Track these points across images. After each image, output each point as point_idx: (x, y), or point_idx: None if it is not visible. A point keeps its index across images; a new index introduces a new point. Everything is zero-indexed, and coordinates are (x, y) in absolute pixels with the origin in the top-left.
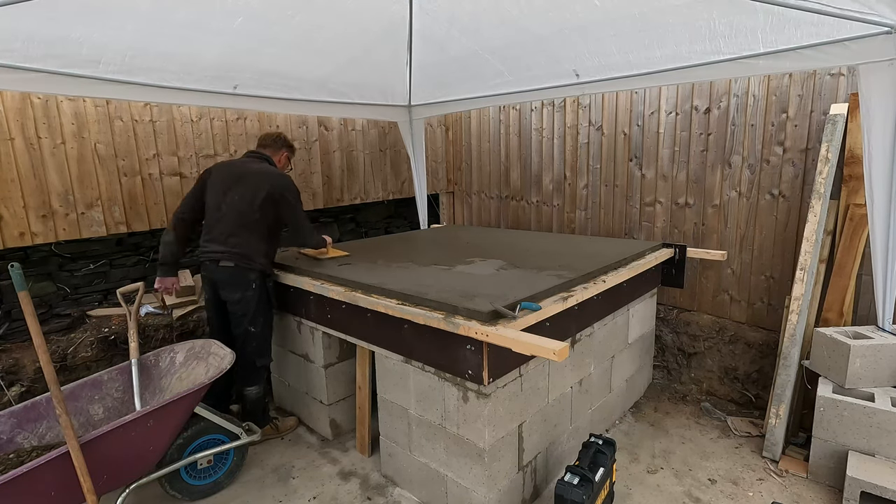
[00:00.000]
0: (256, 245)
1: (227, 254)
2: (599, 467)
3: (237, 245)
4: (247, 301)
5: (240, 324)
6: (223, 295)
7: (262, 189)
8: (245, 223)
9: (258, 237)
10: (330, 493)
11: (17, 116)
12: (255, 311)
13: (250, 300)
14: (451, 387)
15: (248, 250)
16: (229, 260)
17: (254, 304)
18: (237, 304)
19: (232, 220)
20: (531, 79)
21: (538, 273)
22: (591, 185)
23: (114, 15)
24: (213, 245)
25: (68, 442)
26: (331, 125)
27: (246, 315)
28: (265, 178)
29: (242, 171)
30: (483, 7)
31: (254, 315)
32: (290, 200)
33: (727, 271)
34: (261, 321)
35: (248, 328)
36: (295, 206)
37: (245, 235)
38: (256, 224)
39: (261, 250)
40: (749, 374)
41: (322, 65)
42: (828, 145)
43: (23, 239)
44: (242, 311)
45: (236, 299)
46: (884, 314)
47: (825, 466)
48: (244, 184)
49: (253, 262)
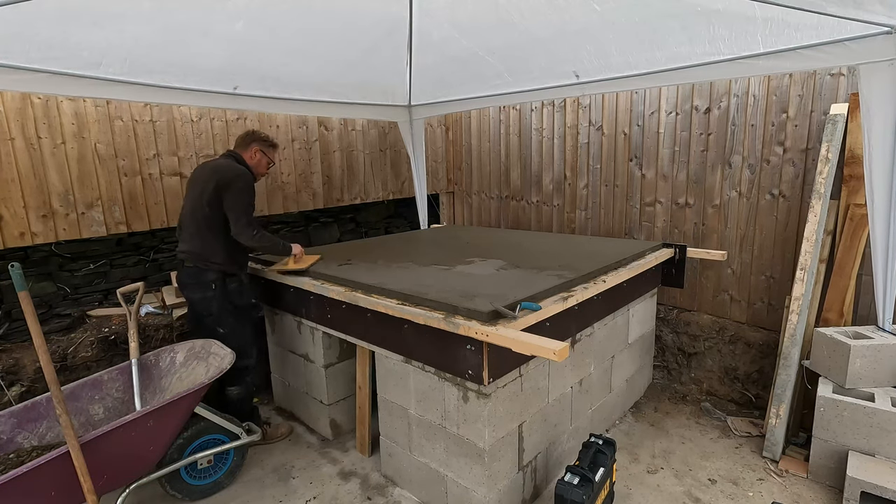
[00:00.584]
0: (213, 244)
1: (188, 254)
2: (599, 467)
3: (196, 245)
4: (208, 301)
5: (207, 325)
6: (187, 296)
7: (210, 183)
8: (199, 221)
9: (214, 235)
10: (330, 494)
11: (18, 116)
12: (219, 312)
13: (211, 301)
14: (451, 387)
15: (205, 250)
16: (190, 260)
17: (216, 305)
18: (199, 304)
19: (191, 219)
20: (531, 79)
21: (538, 273)
22: (591, 185)
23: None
24: (181, 245)
25: (68, 442)
26: (331, 125)
27: (210, 315)
28: (214, 171)
29: (202, 168)
30: (483, 9)
31: (218, 316)
32: (232, 190)
33: (727, 271)
34: (229, 322)
35: (215, 329)
36: (236, 196)
37: (202, 234)
38: (209, 220)
39: (217, 249)
40: (749, 374)
41: (323, 69)
42: (828, 145)
43: (23, 239)
44: (206, 312)
45: (197, 299)
46: (884, 314)
47: (825, 466)
48: (199, 180)
49: (210, 263)
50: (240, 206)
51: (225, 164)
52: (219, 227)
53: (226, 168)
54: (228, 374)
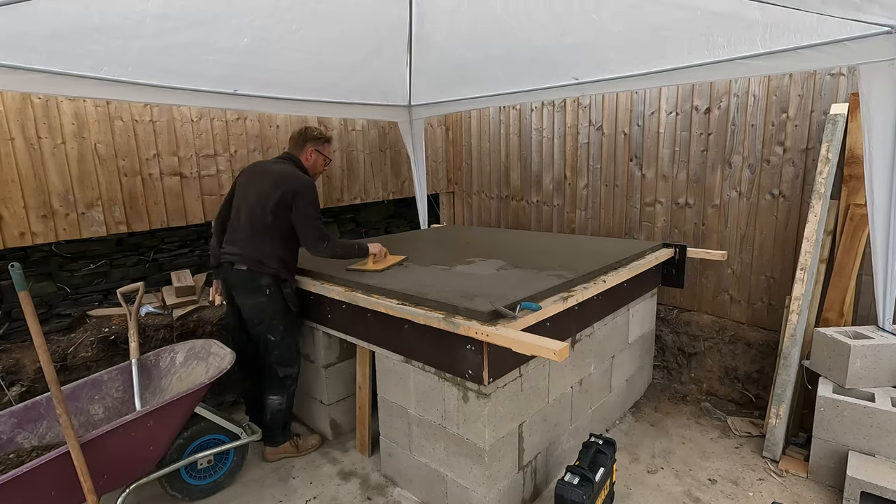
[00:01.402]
0: (270, 249)
1: (240, 257)
2: (599, 467)
3: (250, 248)
4: (261, 307)
5: (257, 331)
6: (237, 300)
7: (276, 191)
8: (259, 226)
9: (272, 241)
10: (330, 494)
11: (18, 116)
12: (272, 317)
13: (265, 306)
14: (451, 387)
15: (260, 254)
16: (242, 263)
17: (269, 311)
18: (251, 309)
19: (247, 222)
20: (531, 83)
21: (538, 273)
22: (591, 185)
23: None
24: (230, 247)
25: (68, 442)
26: (331, 125)
27: (262, 322)
28: (280, 179)
29: (263, 173)
30: (482, 17)
31: (270, 322)
32: (300, 203)
33: (727, 271)
34: (280, 329)
35: (266, 336)
36: (304, 209)
37: (258, 239)
38: (269, 228)
39: (275, 255)
40: (749, 374)
41: (325, 74)
42: (828, 145)
43: (23, 239)
44: (257, 318)
45: (250, 305)
46: (884, 314)
47: (825, 466)
48: (261, 186)
49: (265, 267)
50: (310, 220)
51: (289, 173)
52: (280, 235)
53: (291, 177)
54: (271, 381)
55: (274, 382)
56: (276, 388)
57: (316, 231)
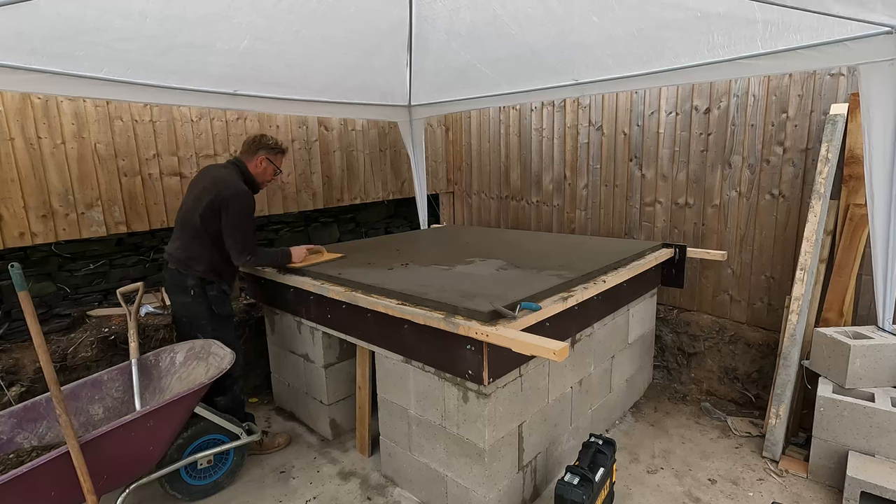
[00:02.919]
0: (198, 252)
1: (170, 256)
2: (599, 467)
3: (180, 249)
4: (186, 306)
5: (187, 329)
6: (169, 297)
7: (207, 196)
8: (188, 228)
9: (201, 244)
10: (330, 494)
11: (17, 116)
12: (199, 317)
13: (190, 306)
14: (451, 387)
15: (187, 255)
16: (172, 263)
17: (196, 310)
18: (178, 307)
19: (180, 223)
20: (530, 85)
21: (538, 273)
22: (591, 185)
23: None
24: (168, 246)
25: (68, 442)
26: (331, 125)
27: (190, 321)
28: (214, 185)
29: (203, 176)
30: (481, 19)
31: (197, 322)
32: (229, 211)
33: (727, 271)
34: (208, 329)
35: (193, 335)
36: (231, 218)
37: (188, 240)
38: (198, 231)
39: (203, 257)
40: (749, 374)
41: (325, 73)
42: (828, 145)
43: (23, 239)
44: (185, 316)
45: (177, 303)
46: (884, 314)
47: (825, 466)
48: (198, 188)
49: (190, 268)
50: (237, 231)
51: (225, 178)
52: (210, 239)
53: (225, 184)
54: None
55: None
56: (220, 388)
57: (240, 243)
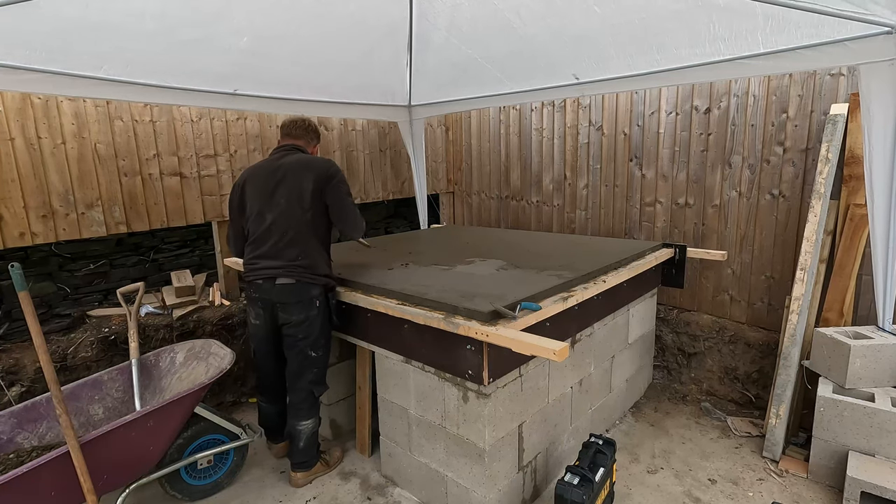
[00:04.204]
0: (318, 252)
1: (285, 268)
2: (599, 467)
3: (296, 256)
4: (311, 322)
5: (299, 350)
6: (282, 318)
7: (308, 180)
8: (300, 228)
9: (317, 242)
10: (330, 494)
11: (17, 116)
12: (319, 332)
13: (314, 321)
14: (451, 387)
15: (310, 261)
16: (289, 276)
17: (318, 326)
18: (298, 326)
19: (283, 226)
20: (531, 83)
21: (538, 273)
22: (591, 185)
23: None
24: (265, 261)
25: (68, 442)
26: (331, 125)
27: (308, 338)
28: (307, 167)
29: (281, 168)
30: (482, 14)
31: (317, 338)
32: (336, 184)
33: (727, 271)
34: (322, 343)
35: (309, 354)
36: (342, 190)
37: (302, 243)
38: (311, 226)
39: (323, 258)
40: (749, 374)
41: (325, 72)
42: (828, 145)
43: (23, 239)
44: (304, 335)
45: (298, 321)
46: (884, 314)
47: (825, 466)
48: (287, 181)
49: (317, 276)
50: (347, 201)
51: (310, 159)
52: (322, 234)
53: (317, 162)
54: (304, 404)
55: (307, 405)
56: (309, 410)
57: (355, 209)
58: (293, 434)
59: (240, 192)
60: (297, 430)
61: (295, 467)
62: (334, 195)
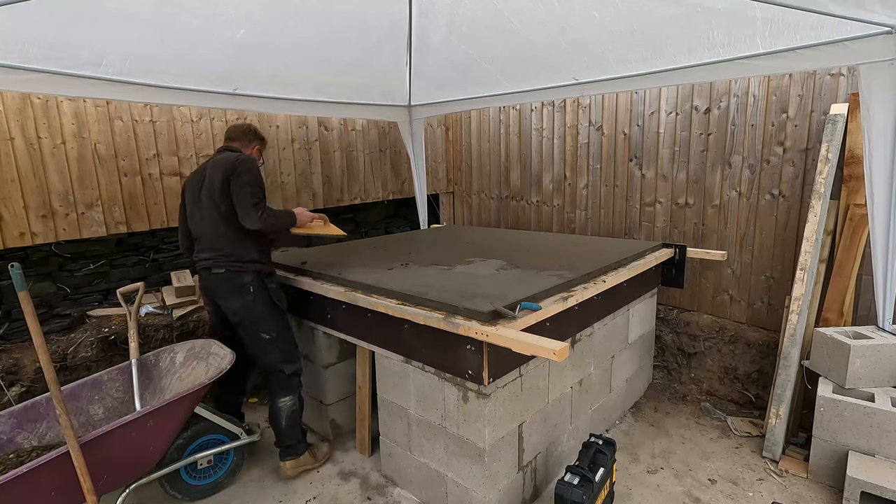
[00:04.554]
0: (241, 242)
1: (215, 259)
2: (599, 467)
3: (220, 246)
4: (248, 307)
5: (251, 335)
6: (223, 305)
7: (219, 175)
8: (219, 220)
9: (237, 232)
10: (330, 494)
11: (17, 116)
12: (262, 316)
13: (251, 306)
14: (451, 387)
15: (233, 250)
16: (219, 266)
17: (259, 309)
18: (237, 312)
19: (209, 220)
20: (530, 83)
21: (538, 273)
22: (591, 185)
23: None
24: (202, 254)
25: (68, 442)
26: (331, 125)
27: (254, 323)
28: (222, 163)
29: (206, 168)
30: (482, 15)
31: (261, 320)
32: (240, 175)
33: (727, 271)
34: (273, 326)
35: (261, 336)
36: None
37: (224, 233)
38: (226, 218)
39: (249, 247)
40: (749, 374)
41: (324, 71)
42: (828, 145)
43: (23, 239)
44: (249, 320)
45: (236, 307)
46: (884, 314)
47: (825, 466)
48: (207, 179)
49: (245, 263)
50: (246, 188)
51: (228, 156)
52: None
53: (230, 158)
54: (278, 383)
55: (282, 383)
56: (286, 388)
57: (251, 198)
58: (275, 415)
59: (182, 195)
60: (277, 408)
61: (283, 455)
62: (234, 185)
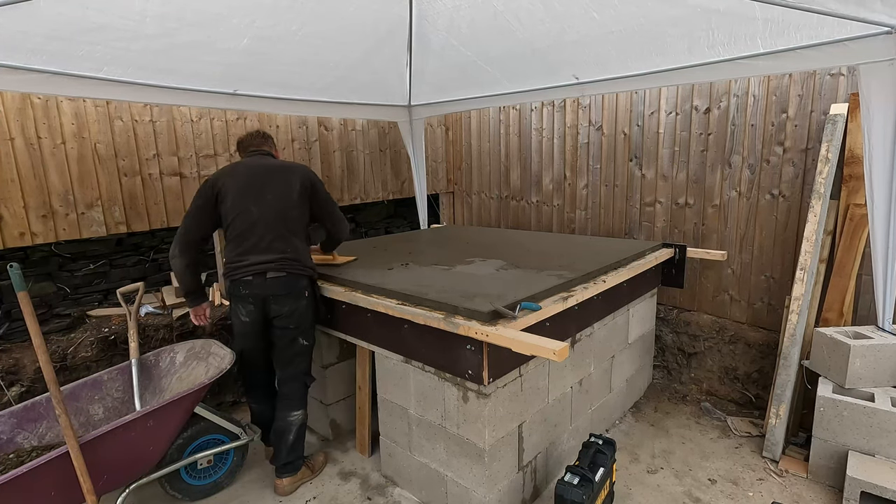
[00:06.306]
0: (303, 247)
1: (275, 262)
2: (599, 467)
3: (285, 250)
4: (300, 313)
5: (291, 340)
6: (274, 310)
7: (296, 181)
8: (287, 224)
9: (301, 237)
10: (330, 494)
11: (17, 116)
12: (309, 322)
13: (304, 311)
14: (451, 387)
15: (297, 254)
16: (279, 269)
17: (309, 315)
18: (290, 317)
19: (272, 223)
20: (530, 83)
21: (538, 273)
22: (591, 185)
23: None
24: (254, 256)
25: (68, 442)
26: (331, 125)
27: (299, 328)
28: (291, 169)
29: (267, 169)
30: (482, 16)
31: (307, 327)
32: (322, 189)
33: (727, 271)
34: (311, 333)
35: (301, 342)
36: (326, 195)
37: (289, 238)
38: (297, 223)
39: (306, 252)
40: (749, 374)
41: (325, 73)
42: (828, 145)
43: (23, 239)
44: (295, 325)
45: (290, 311)
46: (884, 314)
47: (825, 466)
48: (276, 181)
49: (304, 268)
50: (332, 202)
51: (295, 164)
52: (303, 231)
53: (297, 165)
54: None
55: (300, 395)
56: (302, 400)
57: (339, 211)
58: (283, 429)
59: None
60: (288, 422)
61: (281, 471)
62: (321, 198)
